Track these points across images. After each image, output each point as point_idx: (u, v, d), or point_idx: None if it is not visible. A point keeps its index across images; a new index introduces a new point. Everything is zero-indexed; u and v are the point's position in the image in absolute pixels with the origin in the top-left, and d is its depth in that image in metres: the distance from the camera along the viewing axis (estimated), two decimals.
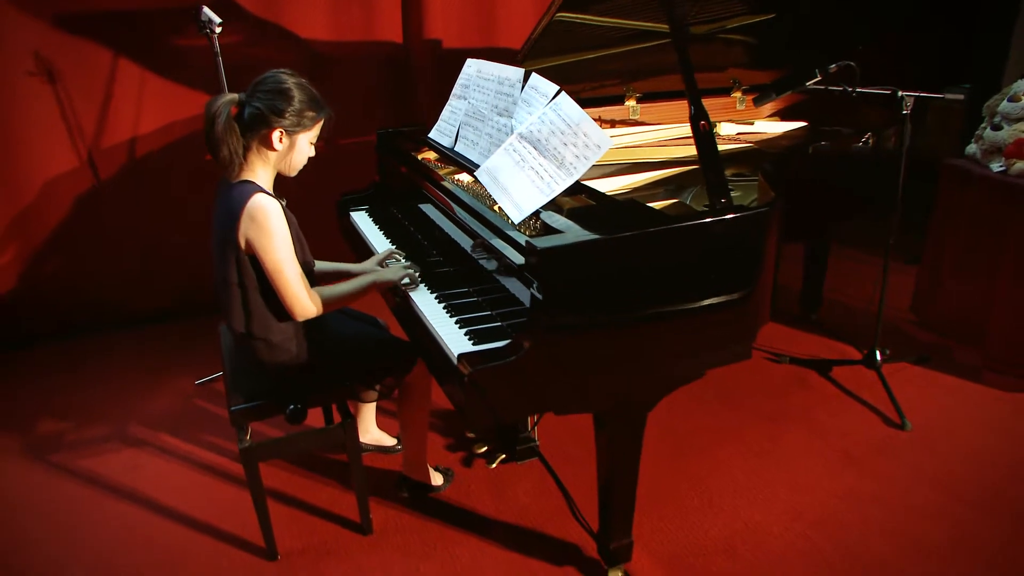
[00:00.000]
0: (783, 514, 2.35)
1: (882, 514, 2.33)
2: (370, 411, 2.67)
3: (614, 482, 1.95)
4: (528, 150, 1.94)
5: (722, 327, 1.85)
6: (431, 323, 1.94)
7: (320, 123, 2.03)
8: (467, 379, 1.58)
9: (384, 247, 2.48)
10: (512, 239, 1.79)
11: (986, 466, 2.54)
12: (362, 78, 3.85)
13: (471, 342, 1.81)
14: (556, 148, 1.88)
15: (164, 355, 3.53)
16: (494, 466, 2.58)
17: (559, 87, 1.97)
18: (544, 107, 1.97)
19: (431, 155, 2.66)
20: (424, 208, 2.50)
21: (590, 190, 2.05)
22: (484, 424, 1.72)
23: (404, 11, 3.80)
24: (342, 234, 2.94)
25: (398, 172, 2.78)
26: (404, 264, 2.24)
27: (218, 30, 2.78)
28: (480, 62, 2.45)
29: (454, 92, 2.59)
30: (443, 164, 2.54)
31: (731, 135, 3.12)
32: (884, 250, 2.81)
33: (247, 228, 1.89)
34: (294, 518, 2.40)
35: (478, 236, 1.99)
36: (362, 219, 2.82)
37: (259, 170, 1.98)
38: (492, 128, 2.27)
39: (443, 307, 2.02)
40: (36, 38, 3.25)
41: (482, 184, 2.01)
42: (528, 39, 2.59)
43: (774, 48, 3.18)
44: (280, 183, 2.07)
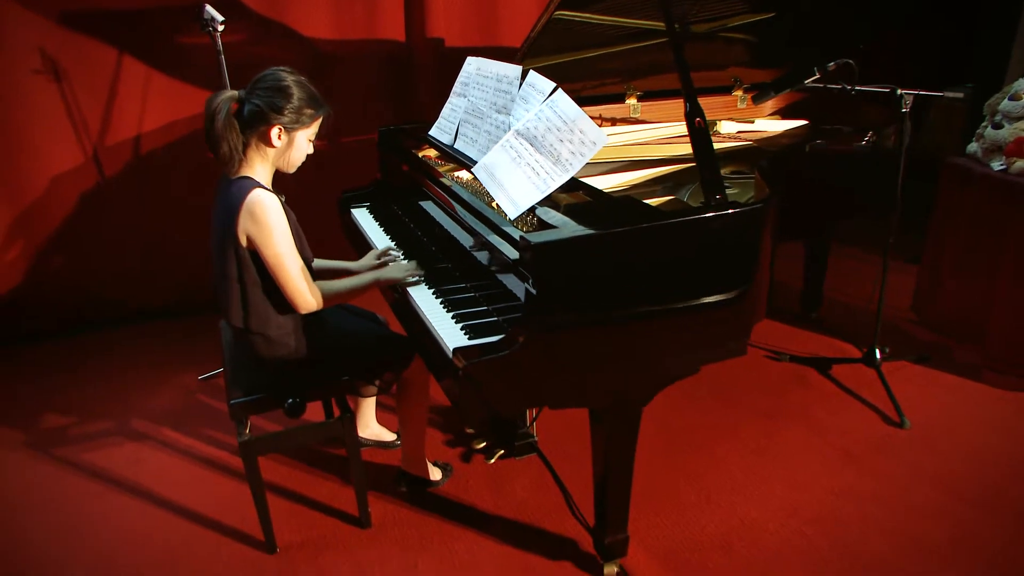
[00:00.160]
0: (780, 511, 2.35)
1: (880, 512, 2.34)
2: (370, 406, 2.69)
3: (609, 477, 1.96)
4: (525, 147, 1.96)
5: (717, 324, 1.86)
6: (428, 318, 1.95)
7: (319, 121, 2.05)
8: (461, 372, 1.60)
9: (384, 244, 2.50)
10: (507, 234, 1.80)
11: (986, 465, 2.54)
12: (365, 76, 3.87)
13: (467, 336, 1.82)
14: (552, 145, 1.89)
15: (167, 351, 3.56)
16: (492, 462, 2.60)
17: (555, 84, 1.98)
18: (541, 104, 1.98)
19: (432, 152, 2.67)
20: (424, 205, 2.52)
21: (587, 187, 2.06)
22: (479, 418, 1.73)
23: (407, 10, 3.82)
24: (343, 231, 2.96)
25: (399, 169, 2.80)
26: (407, 263, 2.26)
27: (221, 28, 2.80)
28: (480, 60, 2.47)
29: (454, 90, 2.61)
30: (444, 161, 2.56)
31: (731, 133, 3.13)
32: (884, 249, 2.81)
33: (246, 224, 1.91)
34: (294, 512, 2.42)
35: (476, 233, 2.00)
36: (363, 216, 2.84)
37: (258, 166, 2.00)
38: (491, 125, 2.28)
39: (440, 302, 2.04)
40: (41, 36, 3.28)
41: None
42: (527, 37, 2.61)
43: (775, 47, 3.19)
44: (284, 181, 2.09)
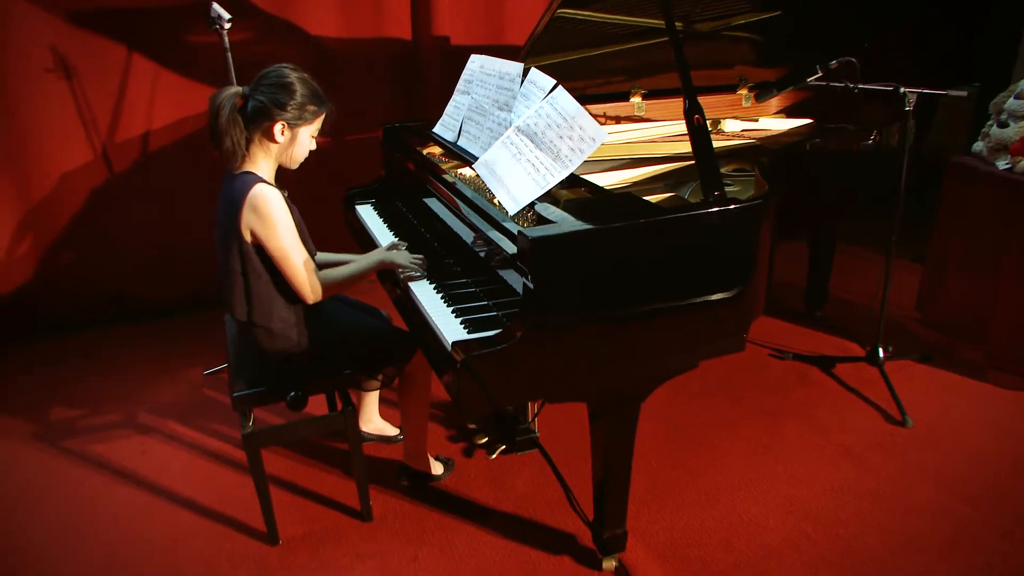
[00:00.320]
0: (780, 508, 2.36)
1: (880, 510, 2.34)
2: (373, 401, 2.71)
3: (608, 472, 1.97)
4: (525, 143, 1.97)
5: (716, 320, 1.86)
6: (428, 312, 1.97)
7: (321, 117, 2.08)
8: (459, 365, 1.61)
9: (387, 240, 2.52)
10: (506, 230, 1.82)
11: (987, 464, 2.53)
12: (371, 74, 3.89)
13: (466, 330, 1.84)
14: (552, 141, 1.91)
15: (174, 346, 3.59)
16: (494, 457, 2.61)
17: (556, 81, 1.99)
18: (541, 101, 2.00)
19: (436, 150, 2.69)
20: (428, 202, 2.53)
21: (588, 183, 2.08)
22: (477, 412, 1.74)
23: (413, 8, 3.84)
24: (348, 228, 2.98)
25: (402, 166, 2.82)
26: (410, 259, 2.27)
27: (227, 26, 2.83)
28: (483, 58, 2.49)
29: (458, 87, 2.62)
30: (447, 158, 2.57)
31: (735, 132, 3.13)
32: (887, 247, 2.81)
33: (250, 218, 1.93)
34: (296, 505, 2.44)
35: (477, 229, 2.01)
36: (367, 213, 2.86)
37: (261, 162, 2.03)
38: (493, 122, 2.30)
39: (441, 297, 2.06)
40: (53, 34, 3.32)
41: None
42: (531, 35, 2.62)
43: (781, 46, 3.19)
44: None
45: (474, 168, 2.09)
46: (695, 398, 2.97)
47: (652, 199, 2.16)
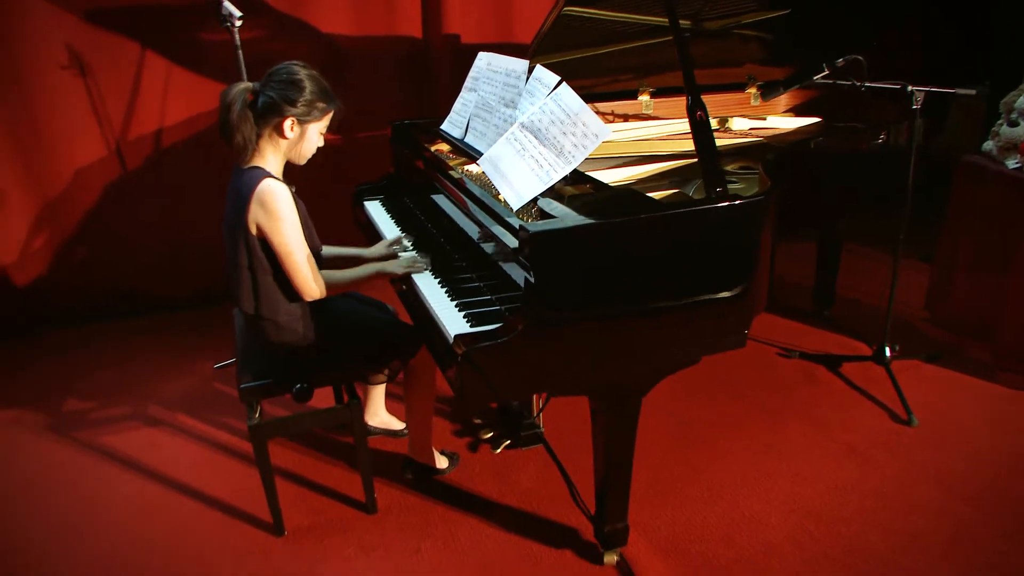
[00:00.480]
0: (782, 505, 2.36)
1: (883, 508, 2.34)
2: (379, 395, 2.73)
3: (609, 465, 1.99)
4: (529, 139, 1.99)
5: (716, 316, 1.87)
6: (432, 306, 1.99)
7: (330, 114, 2.10)
8: (460, 357, 1.64)
9: (394, 236, 2.54)
10: (509, 224, 1.83)
11: (992, 464, 2.53)
12: (382, 72, 3.91)
13: (469, 324, 1.86)
14: (555, 137, 1.92)
15: (184, 340, 3.64)
16: (499, 451, 2.63)
17: (560, 78, 2.01)
18: (545, 97, 2.01)
19: (444, 147, 2.71)
20: (435, 198, 2.56)
21: (592, 180, 2.09)
22: (478, 404, 1.77)
23: (424, 7, 3.86)
24: (356, 224, 3.01)
25: (410, 163, 2.84)
26: (411, 254, 2.30)
27: (238, 24, 2.86)
28: (491, 55, 2.50)
29: (466, 85, 2.64)
30: (455, 155, 2.59)
31: (743, 130, 3.13)
32: (895, 246, 2.80)
33: (257, 212, 1.96)
34: (302, 497, 2.47)
35: (482, 224, 2.03)
36: (375, 208, 2.89)
37: (270, 157, 2.06)
38: (499, 119, 2.31)
39: (445, 291, 2.08)
40: (69, 32, 3.37)
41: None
42: (537, 33, 2.64)
43: (790, 44, 3.19)
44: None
45: (479, 164, 2.10)
46: (700, 395, 2.97)
47: (656, 196, 2.16)
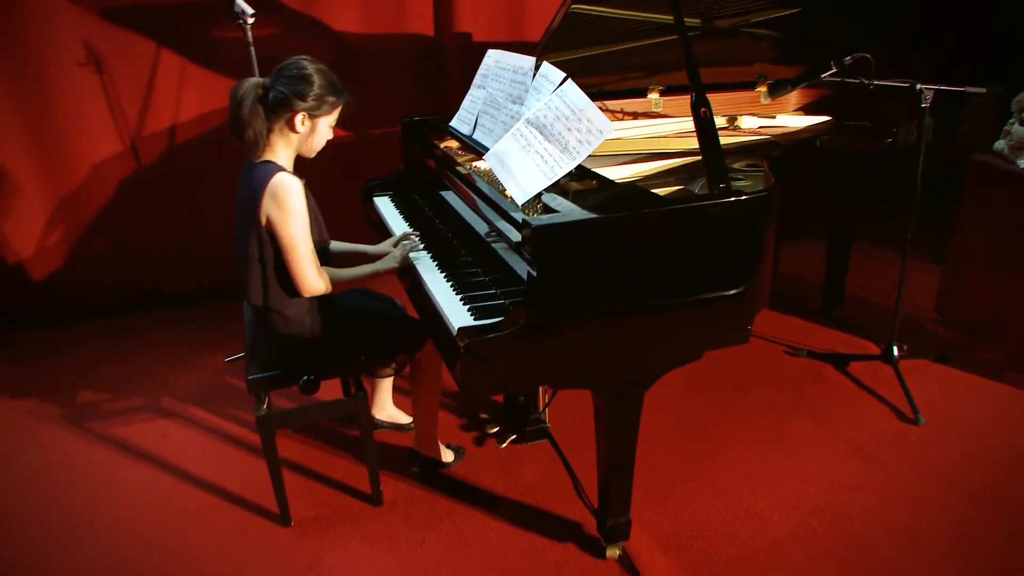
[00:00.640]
0: (786, 502, 2.37)
1: (887, 507, 2.34)
2: (386, 389, 2.76)
3: (612, 459, 2.00)
4: (534, 135, 2.00)
5: (718, 312, 1.88)
6: (437, 300, 2.01)
7: (339, 108, 2.13)
8: (463, 350, 1.66)
9: (402, 231, 2.57)
10: (513, 218, 1.85)
11: (997, 464, 2.52)
12: (394, 70, 3.94)
13: (473, 317, 1.88)
14: (560, 133, 1.94)
15: (196, 334, 3.68)
16: (504, 446, 2.65)
17: (566, 75, 2.02)
18: (551, 94, 2.03)
19: (453, 143, 2.73)
20: (444, 195, 2.58)
21: (597, 176, 2.11)
22: (481, 396, 1.78)
23: (435, 5, 3.89)
24: (365, 220, 3.03)
25: (419, 159, 2.87)
26: (398, 251, 2.32)
27: (251, 21, 2.90)
28: (499, 52, 2.52)
29: (474, 82, 2.66)
30: (464, 152, 2.61)
31: (752, 128, 3.13)
32: (903, 246, 2.80)
33: (268, 205, 1.99)
34: (309, 488, 2.50)
35: (487, 219, 2.05)
36: (385, 204, 2.91)
37: (281, 151, 2.08)
38: (506, 116, 2.33)
39: (451, 285, 2.10)
40: (86, 30, 3.41)
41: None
42: (546, 31, 2.65)
43: (800, 43, 3.19)
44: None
45: (485, 159, 2.12)
46: (706, 392, 2.98)
47: (661, 192, 2.18)
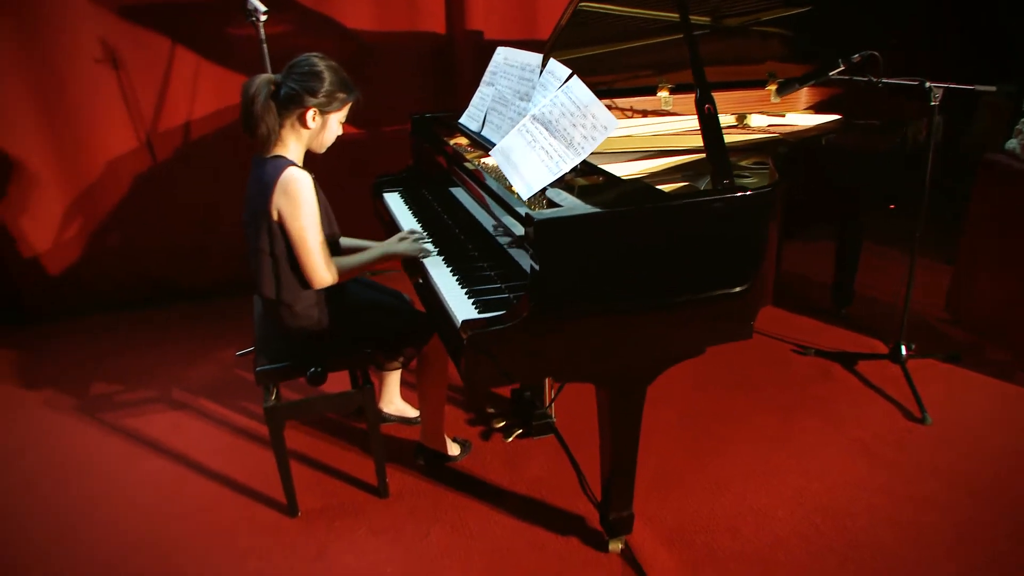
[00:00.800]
0: (790, 499, 2.37)
1: (891, 504, 2.34)
2: (394, 383, 2.79)
3: (615, 453, 2.02)
4: (540, 130, 2.02)
5: (721, 307, 1.89)
6: (443, 293, 2.04)
7: (349, 104, 2.16)
8: (466, 341, 1.68)
9: (410, 226, 2.59)
10: (517, 213, 1.87)
11: (1003, 463, 2.51)
12: (405, 68, 3.97)
13: (477, 310, 1.90)
14: (566, 129, 1.96)
15: (209, 328, 3.73)
16: (510, 440, 2.67)
17: (571, 71, 2.04)
18: (556, 90, 2.05)
19: (463, 140, 2.75)
20: (453, 191, 2.60)
21: (603, 172, 2.12)
22: (483, 387, 1.80)
23: (447, 3, 3.91)
24: (375, 215, 3.06)
25: (429, 156, 2.89)
26: (416, 240, 2.34)
27: (263, 18, 2.93)
28: (508, 50, 2.54)
29: (484, 79, 2.68)
30: (473, 148, 2.64)
31: (761, 126, 3.13)
32: (911, 244, 2.79)
33: (279, 198, 2.02)
34: (317, 480, 2.53)
35: (494, 213, 2.07)
36: (394, 200, 2.94)
37: (292, 146, 2.12)
38: (514, 112, 2.35)
39: (457, 280, 2.12)
40: (103, 27, 3.47)
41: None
42: (554, 29, 2.66)
43: (811, 42, 3.19)
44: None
45: (491, 154, 2.15)
46: (712, 390, 2.99)
47: (667, 188, 2.19)
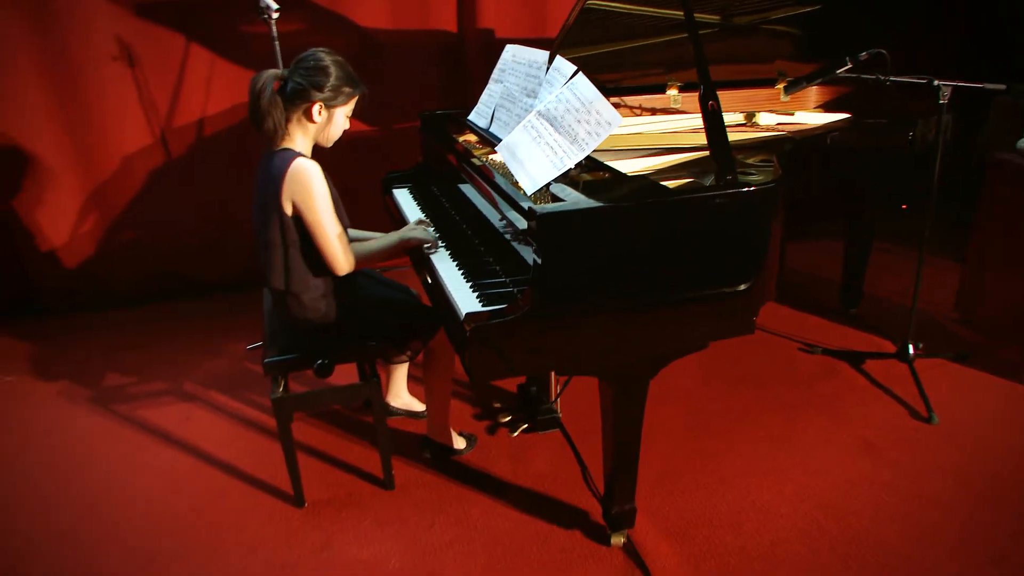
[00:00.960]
0: (793, 496, 2.38)
1: (894, 502, 2.34)
2: (402, 377, 2.81)
3: (617, 446, 2.03)
4: (545, 127, 2.04)
5: (723, 304, 1.90)
6: (448, 286, 2.06)
7: (355, 98, 2.19)
8: (469, 333, 1.70)
9: (416, 218, 2.62)
10: (521, 207, 1.89)
11: (1009, 463, 2.50)
12: (417, 65, 3.99)
13: (481, 304, 1.92)
14: (570, 125, 1.97)
15: (220, 322, 3.77)
16: (516, 435, 2.69)
17: (577, 68, 2.06)
18: (562, 87, 2.06)
19: (472, 137, 2.78)
20: (460, 186, 2.62)
21: (608, 168, 2.14)
22: (485, 379, 1.82)
23: (459, 1, 3.94)
24: (385, 211, 3.09)
25: (438, 152, 2.92)
26: (432, 231, 2.38)
27: (275, 16, 2.97)
28: (516, 47, 2.56)
29: (492, 76, 2.71)
30: (481, 145, 2.66)
31: (770, 125, 3.14)
32: (919, 243, 2.79)
33: (292, 188, 2.05)
34: (324, 472, 2.57)
35: (499, 208, 2.09)
36: (403, 196, 2.97)
37: (299, 140, 2.15)
38: (521, 109, 2.37)
39: (462, 273, 2.14)
40: (120, 25, 3.52)
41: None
42: (562, 28, 2.68)
43: (822, 40, 3.19)
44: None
45: (497, 150, 2.17)
46: (718, 387, 2.99)
47: (672, 185, 2.20)
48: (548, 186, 1.97)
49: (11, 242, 3.75)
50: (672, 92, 3.29)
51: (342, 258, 2.15)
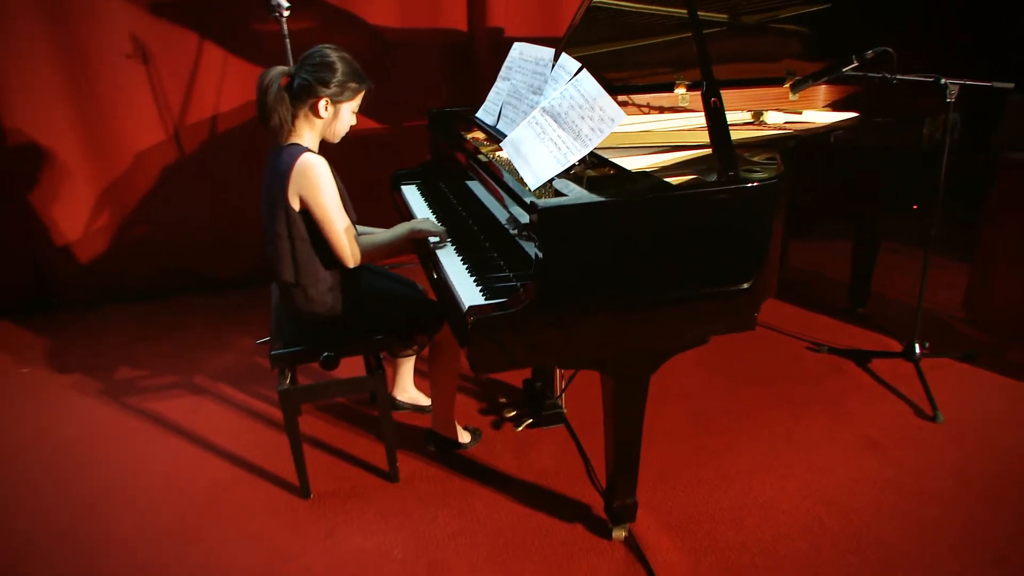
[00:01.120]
0: (795, 493, 2.38)
1: (897, 499, 2.34)
2: (408, 371, 2.84)
3: (619, 439, 2.05)
4: (549, 123, 2.06)
5: (724, 299, 1.91)
6: (452, 280, 2.08)
7: (361, 94, 2.22)
8: (470, 325, 1.72)
9: (422, 216, 2.64)
10: (524, 201, 1.91)
11: (1013, 463, 2.49)
12: (427, 64, 4.03)
13: (484, 297, 1.94)
14: (574, 121, 1.99)
15: (230, 317, 3.82)
16: (520, 429, 2.71)
17: (581, 65, 2.07)
18: (566, 83, 2.08)
19: (480, 134, 2.80)
20: (467, 183, 2.65)
21: (612, 164, 2.15)
22: (487, 370, 1.83)
23: (469, 0, 3.96)
24: (394, 208, 3.12)
25: (444, 149, 2.94)
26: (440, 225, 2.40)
27: (286, 14, 3.01)
28: (524, 45, 2.58)
29: (500, 74, 2.72)
30: (489, 142, 2.68)
31: (777, 123, 3.14)
32: (925, 243, 2.78)
33: (299, 183, 2.08)
34: (329, 464, 2.60)
35: (504, 203, 2.11)
36: (411, 193, 2.99)
37: (306, 135, 2.18)
38: (527, 106, 2.39)
39: (466, 267, 2.16)
40: (134, 22, 3.57)
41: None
42: (569, 26, 2.70)
43: (831, 39, 3.19)
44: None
45: (502, 146, 2.19)
46: (723, 385, 3.00)
47: (675, 181, 2.21)
48: (552, 182, 1.99)
49: (27, 237, 3.81)
50: (680, 91, 3.30)
51: (351, 251, 2.18)
